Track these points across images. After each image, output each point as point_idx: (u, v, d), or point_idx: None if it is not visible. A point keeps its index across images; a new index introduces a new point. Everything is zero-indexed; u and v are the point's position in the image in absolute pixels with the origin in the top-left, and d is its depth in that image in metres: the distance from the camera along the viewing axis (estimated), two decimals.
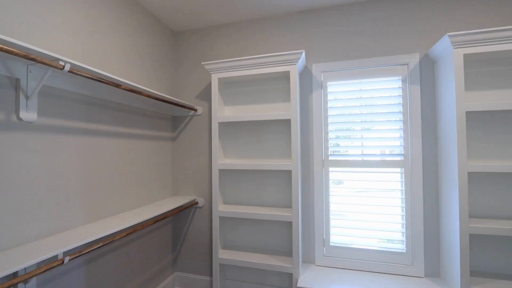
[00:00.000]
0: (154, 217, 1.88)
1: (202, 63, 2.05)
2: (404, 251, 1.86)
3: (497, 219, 1.69)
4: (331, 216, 2.02)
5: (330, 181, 2.03)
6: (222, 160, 2.15)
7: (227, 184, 2.26)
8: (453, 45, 1.57)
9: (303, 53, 1.81)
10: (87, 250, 1.31)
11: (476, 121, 1.75)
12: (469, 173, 1.74)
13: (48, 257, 1.07)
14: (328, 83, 2.04)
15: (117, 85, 1.46)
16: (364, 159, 1.94)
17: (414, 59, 1.86)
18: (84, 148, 1.52)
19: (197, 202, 2.32)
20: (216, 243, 2.03)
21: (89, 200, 1.54)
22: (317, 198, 2.03)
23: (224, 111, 2.24)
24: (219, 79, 2.09)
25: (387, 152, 1.93)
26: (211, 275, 2.28)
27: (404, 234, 1.87)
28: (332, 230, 2.02)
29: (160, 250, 2.21)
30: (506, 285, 1.54)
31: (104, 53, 1.69)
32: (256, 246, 2.17)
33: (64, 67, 1.15)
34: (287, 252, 2.08)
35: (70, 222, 1.42)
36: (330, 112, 2.03)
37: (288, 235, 2.09)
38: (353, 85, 2.00)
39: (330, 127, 2.03)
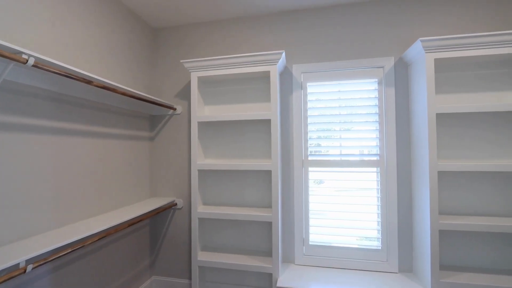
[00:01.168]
0: (129, 220, 1.81)
1: (182, 61, 2.00)
2: (380, 248, 1.92)
3: (466, 215, 1.79)
4: (310, 216, 2.05)
5: (310, 181, 2.05)
6: (202, 160, 2.11)
7: (207, 185, 2.23)
8: (425, 50, 1.64)
9: (283, 54, 1.82)
10: (54, 257, 1.23)
11: (446, 122, 1.84)
12: (439, 172, 1.83)
13: (8, 266, 0.99)
14: (308, 83, 2.06)
15: (88, 81, 1.38)
16: (342, 159, 1.98)
17: (389, 62, 1.92)
18: (53, 148, 1.43)
19: (176, 204, 2.27)
20: (195, 245, 1.98)
21: (58, 203, 1.45)
22: (297, 198, 2.05)
23: (204, 111, 2.21)
24: (199, 78, 2.05)
25: (364, 152, 1.98)
26: (190, 278, 2.24)
27: (380, 231, 1.93)
28: (312, 229, 2.04)
29: (137, 253, 2.14)
30: (473, 277, 1.63)
31: (75, 48, 1.60)
32: (237, 247, 2.16)
33: (27, 61, 1.08)
34: (267, 252, 2.08)
35: (36, 227, 1.33)
36: (309, 113, 2.05)
37: (268, 235, 2.09)
38: (332, 86, 2.04)
39: (310, 128, 2.05)
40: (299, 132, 2.05)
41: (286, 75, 2.12)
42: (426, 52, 1.64)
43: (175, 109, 2.27)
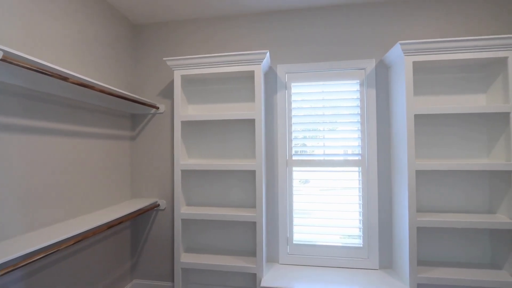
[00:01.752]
0: (108, 222, 1.75)
1: (164, 59, 1.96)
2: (361, 245, 1.96)
3: (442, 212, 1.86)
4: (294, 215, 2.06)
5: (294, 181, 2.06)
6: (185, 160, 2.07)
7: (191, 185, 2.19)
8: (404, 53, 1.69)
9: (267, 53, 1.82)
10: (25, 263, 1.16)
11: (424, 123, 1.91)
12: (417, 171, 1.89)
13: None
14: (292, 84, 2.07)
15: (64, 78, 1.32)
16: (325, 158, 2.01)
17: (370, 64, 1.97)
18: (25, 147, 1.35)
19: (158, 205, 2.22)
20: (178, 246, 1.95)
21: (31, 205, 1.38)
22: (281, 198, 2.05)
23: (187, 110, 2.17)
24: (183, 76, 2.01)
25: (347, 152, 2.02)
26: (173, 281, 2.19)
27: (361, 229, 1.97)
28: (296, 229, 2.06)
29: (118, 257, 2.07)
30: (448, 272, 1.70)
31: (51, 43, 1.52)
32: (221, 247, 2.14)
33: None
34: (252, 252, 2.07)
35: (5, 231, 1.25)
36: (294, 113, 2.07)
37: (253, 235, 2.08)
38: (315, 87, 2.06)
39: (294, 128, 2.07)
40: (283, 132, 2.06)
41: (270, 75, 2.12)
42: (405, 55, 1.69)
43: (157, 108, 2.21)
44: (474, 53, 1.65)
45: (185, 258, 1.96)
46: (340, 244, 1.99)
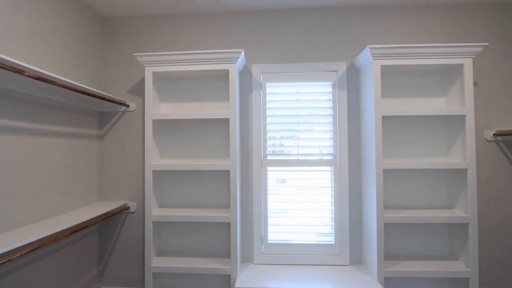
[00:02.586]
0: (71, 227, 1.63)
1: (135, 54, 1.87)
2: (333, 243, 2.02)
3: (407, 208, 1.97)
4: (269, 215, 2.07)
5: (269, 180, 2.07)
6: (157, 160, 2.00)
7: (164, 186, 2.12)
8: (372, 57, 1.76)
9: (242, 52, 1.81)
10: None
11: (391, 124, 2.01)
12: (384, 170, 1.99)
13: None
14: (267, 84, 2.08)
15: (18, 70, 1.21)
16: (299, 158, 2.04)
17: (342, 67, 2.04)
18: None
19: (128, 207, 2.11)
20: (149, 250, 1.87)
21: None
22: (256, 197, 2.05)
23: (160, 108, 2.10)
24: (154, 73, 1.94)
25: (320, 152, 2.06)
26: (144, 286, 2.10)
27: (333, 227, 2.03)
28: (270, 228, 2.07)
29: (83, 263, 1.94)
30: (412, 265, 1.80)
31: (9, 36, 1.39)
32: (195, 250, 2.09)
33: None
34: (227, 253, 2.05)
35: None
36: (268, 113, 2.08)
37: (228, 236, 2.06)
38: (290, 88, 2.09)
39: (269, 127, 2.08)
40: (258, 132, 2.06)
41: (246, 74, 2.11)
42: (373, 59, 1.77)
43: (127, 105, 2.11)
44: (435, 59, 1.76)
45: (156, 262, 1.89)
46: (313, 242, 2.04)
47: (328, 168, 2.05)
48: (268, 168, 2.07)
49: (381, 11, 2.06)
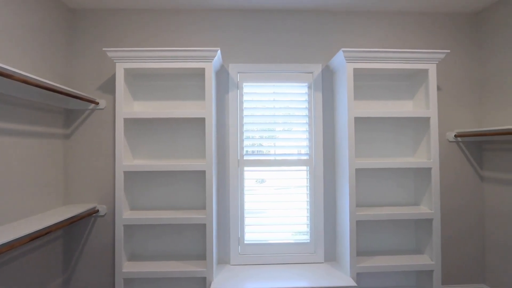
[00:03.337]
0: (30, 233, 1.51)
1: (104, 49, 1.78)
2: (309, 241, 2.06)
3: (378, 206, 2.06)
4: (246, 215, 2.06)
5: (245, 180, 2.07)
6: (129, 161, 1.92)
7: (136, 188, 2.04)
8: (346, 60, 1.82)
9: (219, 51, 1.79)
10: None
11: (363, 125, 2.09)
12: (356, 169, 2.06)
13: None
14: (244, 84, 2.08)
15: None
16: (276, 158, 2.06)
17: (317, 69, 2.08)
18: None
19: (97, 210, 2.00)
20: (119, 255, 1.78)
21: None
22: (233, 198, 2.04)
23: (132, 106, 2.01)
24: (126, 70, 1.86)
25: (296, 152, 2.09)
26: None
27: (309, 226, 2.07)
28: (247, 228, 2.06)
29: (46, 272, 1.80)
30: (382, 260, 1.88)
31: None
32: (170, 253, 2.03)
33: None
34: (203, 255, 2.01)
35: None
36: (245, 113, 2.07)
37: (204, 237, 2.03)
38: (267, 88, 2.10)
39: (246, 127, 2.07)
40: (235, 132, 2.05)
41: (222, 74, 2.09)
42: (347, 62, 1.83)
43: (97, 103, 2.00)
44: (403, 63, 1.86)
45: (128, 267, 1.80)
46: (290, 241, 2.06)
47: (304, 167, 2.09)
48: (245, 168, 2.07)
49: (356, 16, 2.14)
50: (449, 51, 1.84)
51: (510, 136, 1.86)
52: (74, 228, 2.02)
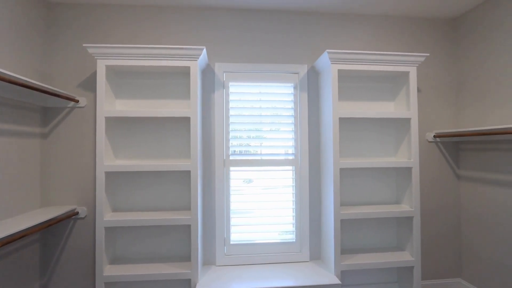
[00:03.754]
0: (2, 238, 1.44)
1: (85, 45, 1.72)
2: (294, 240, 2.08)
3: (361, 205, 2.10)
4: (232, 215, 2.05)
5: (231, 180, 2.06)
6: (111, 161, 1.86)
7: (119, 189, 1.98)
8: (331, 61, 1.85)
9: (204, 50, 1.77)
10: None
11: (348, 125, 2.13)
12: (341, 169, 2.10)
13: None
14: (230, 83, 2.07)
15: None
16: (262, 158, 2.06)
17: (303, 69, 2.10)
18: None
19: (77, 212, 1.93)
20: (100, 258, 1.73)
21: None
22: (218, 198, 2.02)
23: (115, 105, 1.95)
24: (108, 67, 1.80)
25: (282, 152, 2.10)
26: None
27: (294, 225, 2.08)
28: (233, 229, 2.05)
29: (21, 278, 1.72)
30: (365, 257, 1.92)
31: None
32: (154, 255, 1.99)
33: None
34: (188, 257, 1.98)
35: None
36: (231, 112, 2.06)
37: (189, 239, 2.00)
38: (253, 88, 2.09)
39: (232, 127, 2.06)
40: (221, 132, 2.03)
41: (208, 73, 2.07)
42: (331, 63, 1.85)
43: (77, 101, 1.93)
44: (385, 66, 1.91)
45: (109, 271, 1.75)
46: (276, 241, 2.07)
47: (290, 167, 2.10)
48: (231, 168, 2.05)
49: (341, 19, 2.17)
50: (428, 54, 1.91)
51: (485, 136, 1.95)
52: (52, 231, 1.94)
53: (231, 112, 2.06)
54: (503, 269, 1.85)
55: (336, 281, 1.76)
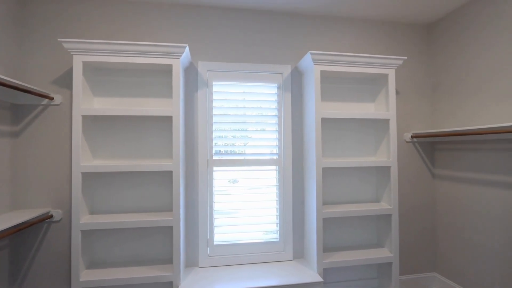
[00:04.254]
0: None
1: (60, 39, 1.64)
2: (278, 239, 2.09)
3: (343, 203, 2.15)
4: (215, 216, 2.03)
5: (214, 181, 2.04)
6: (88, 161, 1.79)
7: (97, 191, 1.90)
8: (313, 62, 1.88)
9: (187, 48, 1.74)
10: None
11: (330, 126, 2.17)
12: (323, 168, 2.13)
13: None
14: (214, 82, 2.05)
15: None
16: (246, 158, 2.05)
17: (287, 70, 2.12)
18: None
19: (51, 216, 1.84)
20: (76, 263, 1.65)
21: None
22: (202, 199, 2.00)
23: (92, 103, 1.88)
24: (85, 63, 1.73)
25: (266, 151, 2.11)
26: None
27: (278, 224, 2.09)
28: (217, 230, 2.03)
29: None
30: (347, 255, 1.96)
31: None
32: (135, 258, 1.93)
33: None
34: (170, 259, 1.94)
35: None
36: (215, 112, 2.04)
37: (171, 240, 1.95)
38: (237, 87, 2.09)
39: (215, 127, 2.04)
40: (204, 131, 2.01)
41: (191, 71, 2.04)
42: (314, 64, 1.88)
43: (52, 98, 1.84)
44: (366, 68, 1.96)
45: (86, 276, 1.68)
46: (259, 241, 2.07)
47: (274, 167, 2.11)
48: (214, 168, 2.03)
49: (324, 21, 2.21)
50: (406, 57, 1.98)
51: (459, 137, 2.05)
52: (23, 236, 1.83)
53: (215, 112, 2.04)
54: (475, 264, 1.96)
55: (319, 279, 1.79)
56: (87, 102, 1.78)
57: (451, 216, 2.16)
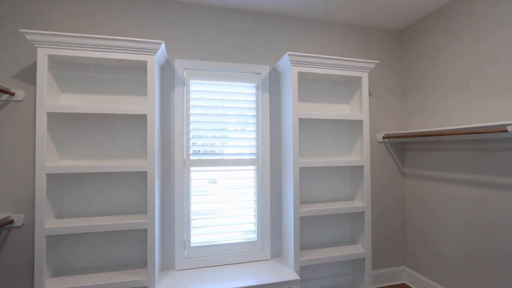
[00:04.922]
0: None
1: (21, 30, 1.52)
2: (256, 239, 2.09)
3: (319, 202, 2.20)
4: (192, 217, 1.99)
5: (192, 181, 2.00)
6: (54, 162, 1.67)
7: (65, 193, 1.79)
8: (291, 63, 1.90)
9: (163, 44, 1.69)
10: None
11: (307, 126, 2.21)
12: (300, 168, 2.17)
13: None
14: (191, 81, 2.01)
15: None
16: (223, 158, 2.03)
17: (265, 70, 2.13)
18: None
19: (12, 221, 1.70)
20: (40, 271, 1.54)
21: None
22: (178, 200, 1.95)
23: (60, 99, 1.76)
24: (51, 57, 1.62)
25: (244, 151, 2.11)
26: None
27: (256, 224, 2.10)
28: (194, 231, 1.99)
29: None
30: (322, 252, 2.01)
31: None
32: (107, 263, 1.84)
33: None
34: (145, 263, 1.87)
35: None
36: (192, 111, 2.00)
37: (146, 244, 1.89)
38: (215, 86, 2.06)
39: (192, 126, 2.00)
40: (181, 131, 1.96)
41: (168, 69, 1.98)
42: (292, 65, 1.91)
43: (13, 93, 1.70)
44: (341, 70, 2.03)
45: (51, 285, 1.57)
46: (237, 241, 2.06)
47: (252, 167, 2.11)
48: (192, 169, 1.99)
49: (302, 23, 2.25)
50: (378, 61, 2.07)
51: (425, 137, 2.18)
52: None
53: (193, 111, 2.00)
54: (441, 257, 2.09)
55: (296, 277, 1.82)
56: (53, 99, 1.66)
57: (419, 213, 2.29)
